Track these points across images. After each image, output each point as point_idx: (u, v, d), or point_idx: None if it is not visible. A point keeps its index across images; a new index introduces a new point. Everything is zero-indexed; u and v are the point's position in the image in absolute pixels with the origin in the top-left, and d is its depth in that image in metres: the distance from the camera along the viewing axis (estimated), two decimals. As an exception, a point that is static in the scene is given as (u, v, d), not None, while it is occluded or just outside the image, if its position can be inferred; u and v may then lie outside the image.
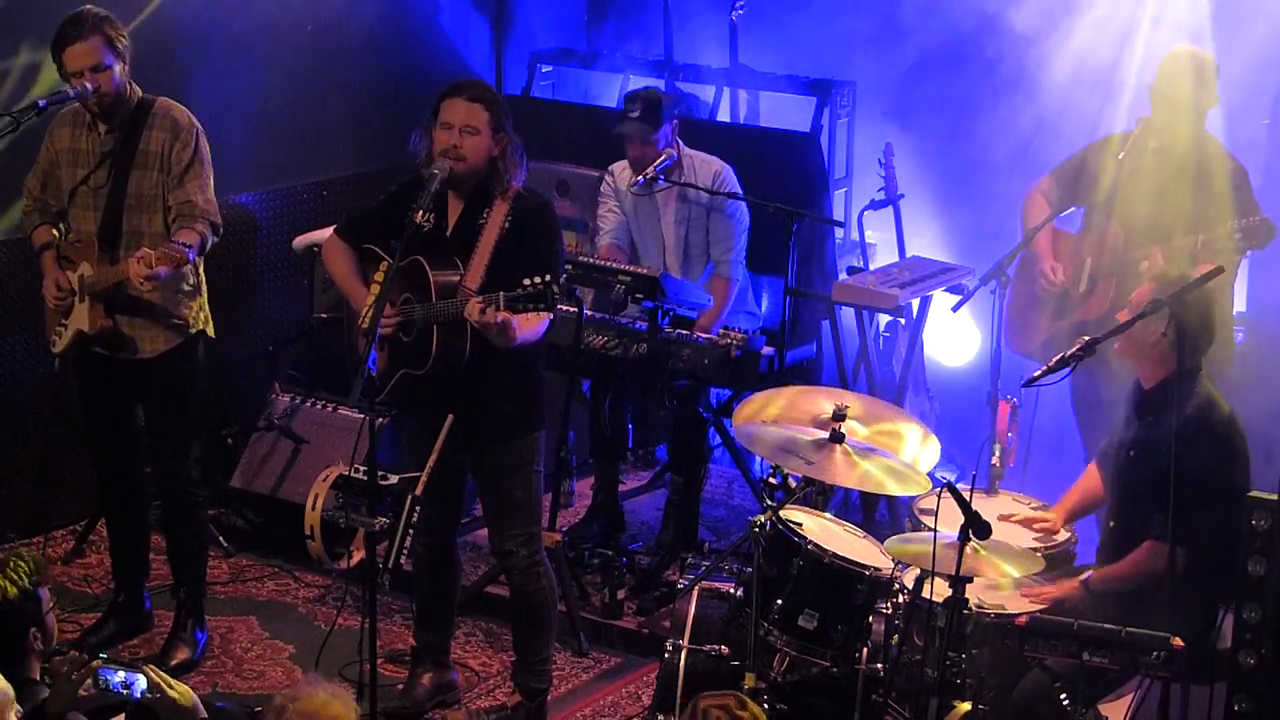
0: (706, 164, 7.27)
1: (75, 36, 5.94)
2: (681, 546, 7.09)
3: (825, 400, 5.76)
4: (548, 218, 5.74)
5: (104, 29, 5.97)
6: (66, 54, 5.97)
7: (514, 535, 5.85)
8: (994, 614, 5.39)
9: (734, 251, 7.32)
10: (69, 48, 5.95)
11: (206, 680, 6.33)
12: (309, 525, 6.69)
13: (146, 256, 5.82)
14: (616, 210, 7.42)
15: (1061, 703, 5.23)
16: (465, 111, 5.61)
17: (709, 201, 7.25)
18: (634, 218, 7.41)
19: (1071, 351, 5.49)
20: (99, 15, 6.01)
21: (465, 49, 8.97)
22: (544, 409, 5.90)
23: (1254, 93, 7.45)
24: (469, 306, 5.43)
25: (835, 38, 8.50)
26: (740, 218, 7.31)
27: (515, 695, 6.05)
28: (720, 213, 7.28)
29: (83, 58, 5.94)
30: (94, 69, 5.94)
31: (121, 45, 6.01)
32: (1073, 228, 7.02)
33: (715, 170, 7.26)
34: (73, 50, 5.95)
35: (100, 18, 6.00)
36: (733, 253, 7.31)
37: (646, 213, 7.38)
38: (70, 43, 5.95)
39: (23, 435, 7.24)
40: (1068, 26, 7.86)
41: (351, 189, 8.34)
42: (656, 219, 7.37)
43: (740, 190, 7.28)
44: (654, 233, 7.39)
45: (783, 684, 5.49)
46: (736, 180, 7.29)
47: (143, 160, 6.07)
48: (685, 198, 7.28)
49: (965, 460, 7.20)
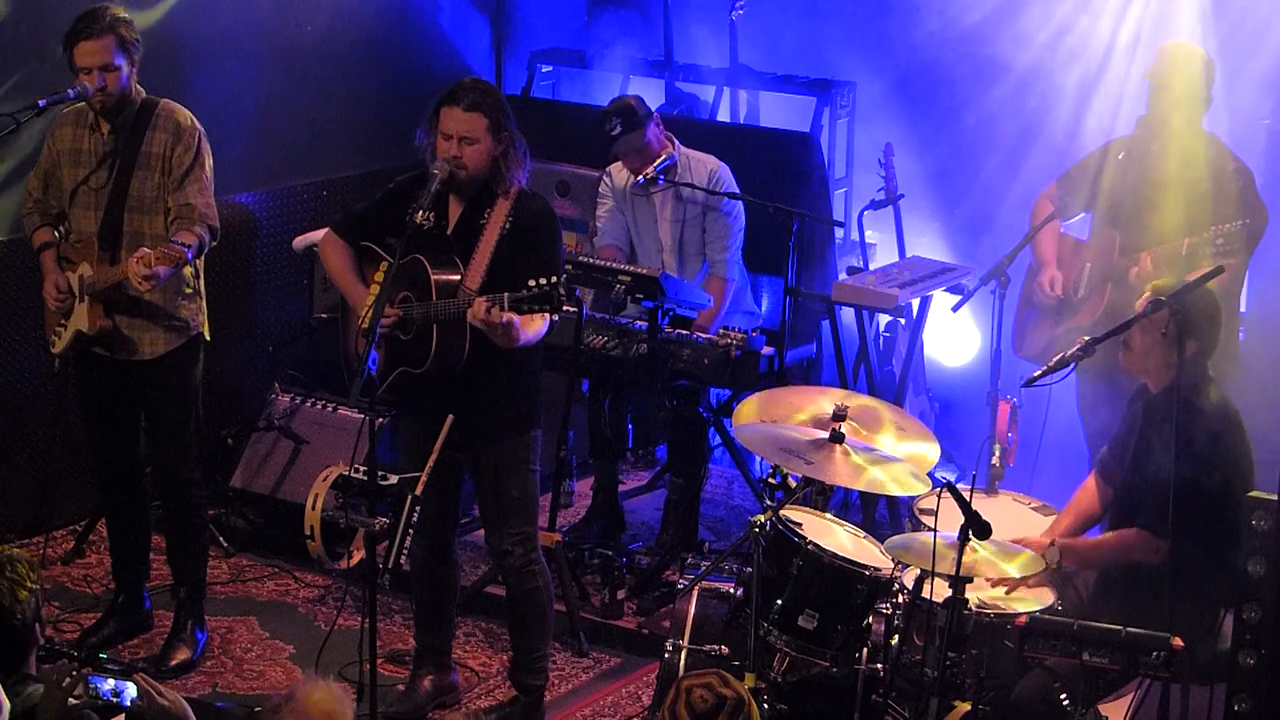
0: (702, 163, 7.27)
1: (89, 34, 5.94)
2: (681, 546, 7.09)
3: (825, 400, 5.76)
4: (549, 220, 5.73)
5: (118, 29, 5.96)
6: (78, 49, 5.96)
7: (510, 535, 5.85)
8: (994, 614, 5.39)
9: (730, 251, 7.31)
10: (81, 43, 5.95)
11: (206, 680, 6.33)
12: (309, 525, 6.68)
13: (145, 257, 5.82)
14: (615, 211, 7.42)
15: (1061, 703, 5.23)
16: (463, 122, 5.59)
17: (705, 200, 7.25)
18: (632, 217, 7.42)
19: (1071, 351, 5.49)
20: (115, 15, 6.00)
21: (465, 49, 8.97)
22: (541, 408, 5.90)
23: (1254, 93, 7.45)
24: (474, 306, 5.43)
25: (835, 38, 8.50)
26: (737, 217, 7.31)
27: (512, 691, 6.07)
28: (716, 212, 7.28)
29: (93, 56, 5.94)
30: (103, 68, 5.94)
31: (133, 47, 6.01)
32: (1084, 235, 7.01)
33: (711, 169, 7.26)
34: (84, 46, 5.95)
35: (116, 18, 5.99)
36: (729, 252, 7.31)
37: (644, 212, 7.39)
38: (83, 39, 5.95)
39: (23, 435, 7.24)
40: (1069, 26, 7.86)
41: (351, 189, 8.33)
42: (654, 218, 7.37)
43: (737, 189, 7.28)
44: (651, 232, 7.39)
45: (783, 684, 5.49)
46: (733, 179, 7.29)
47: (144, 161, 6.07)
48: (681, 197, 7.28)
49: (965, 460, 7.20)
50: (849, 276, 7.77)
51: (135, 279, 5.84)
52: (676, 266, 7.34)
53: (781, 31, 8.67)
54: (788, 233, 7.15)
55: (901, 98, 8.42)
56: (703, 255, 7.37)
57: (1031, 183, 7.20)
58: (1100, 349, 5.53)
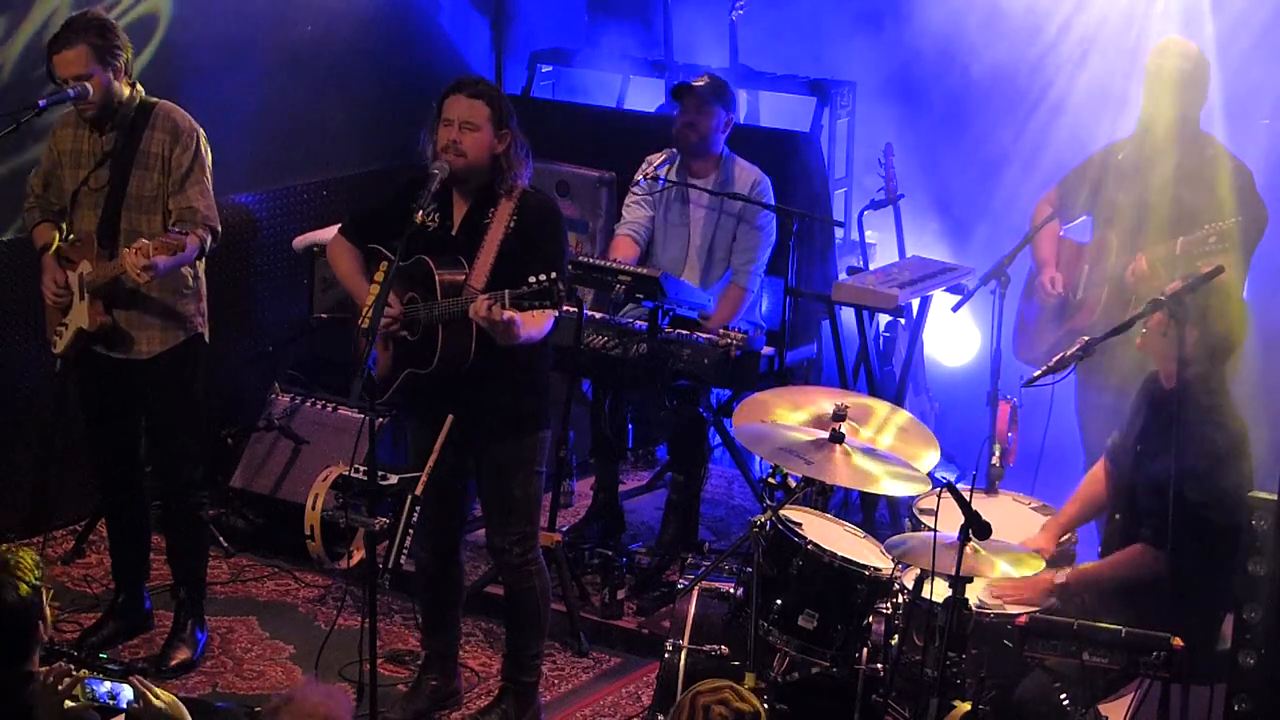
0: (747, 172, 7.26)
1: (61, 45, 5.94)
2: (681, 546, 7.09)
3: (825, 400, 5.76)
4: (552, 216, 5.74)
5: (90, 38, 5.93)
6: (54, 60, 5.96)
7: (509, 533, 5.85)
8: (994, 614, 5.39)
9: (755, 264, 7.29)
10: (55, 55, 5.95)
11: (206, 680, 6.33)
12: (309, 525, 6.67)
13: (144, 247, 5.82)
14: (644, 204, 7.40)
15: (1061, 703, 5.23)
16: (466, 107, 5.61)
17: (741, 210, 7.23)
18: (662, 212, 7.37)
19: (1071, 352, 5.49)
20: (89, 22, 5.98)
21: (465, 49, 8.97)
22: (549, 409, 5.90)
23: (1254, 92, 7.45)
24: (475, 304, 5.43)
25: (835, 37, 8.50)
26: (769, 231, 7.28)
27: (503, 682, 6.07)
28: (750, 224, 7.26)
29: (67, 66, 5.93)
30: (78, 77, 5.92)
31: (111, 53, 5.96)
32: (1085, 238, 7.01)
33: (754, 180, 7.24)
34: (59, 58, 5.94)
35: (90, 25, 5.96)
36: (754, 264, 7.29)
37: (678, 209, 7.36)
38: (58, 49, 5.94)
39: (23, 435, 7.24)
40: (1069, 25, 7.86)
41: (351, 189, 8.34)
42: (686, 217, 7.34)
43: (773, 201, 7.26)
44: (680, 231, 7.35)
45: (783, 684, 5.49)
46: (772, 192, 7.27)
47: (143, 161, 6.07)
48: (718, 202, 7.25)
49: (965, 460, 7.20)
50: (849, 276, 7.77)
51: (133, 270, 5.83)
52: (701, 268, 7.32)
53: (781, 31, 8.67)
54: (788, 233, 7.15)
55: (901, 98, 8.42)
56: (728, 261, 7.34)
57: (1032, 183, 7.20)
58: (1102, 359, 5.53)
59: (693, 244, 7.34)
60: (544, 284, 5.31)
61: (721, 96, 7.19)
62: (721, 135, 7.23)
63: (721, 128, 7.21)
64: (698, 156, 7.24)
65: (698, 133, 7.19)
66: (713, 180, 7.23)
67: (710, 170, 7.25)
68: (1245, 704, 5.10)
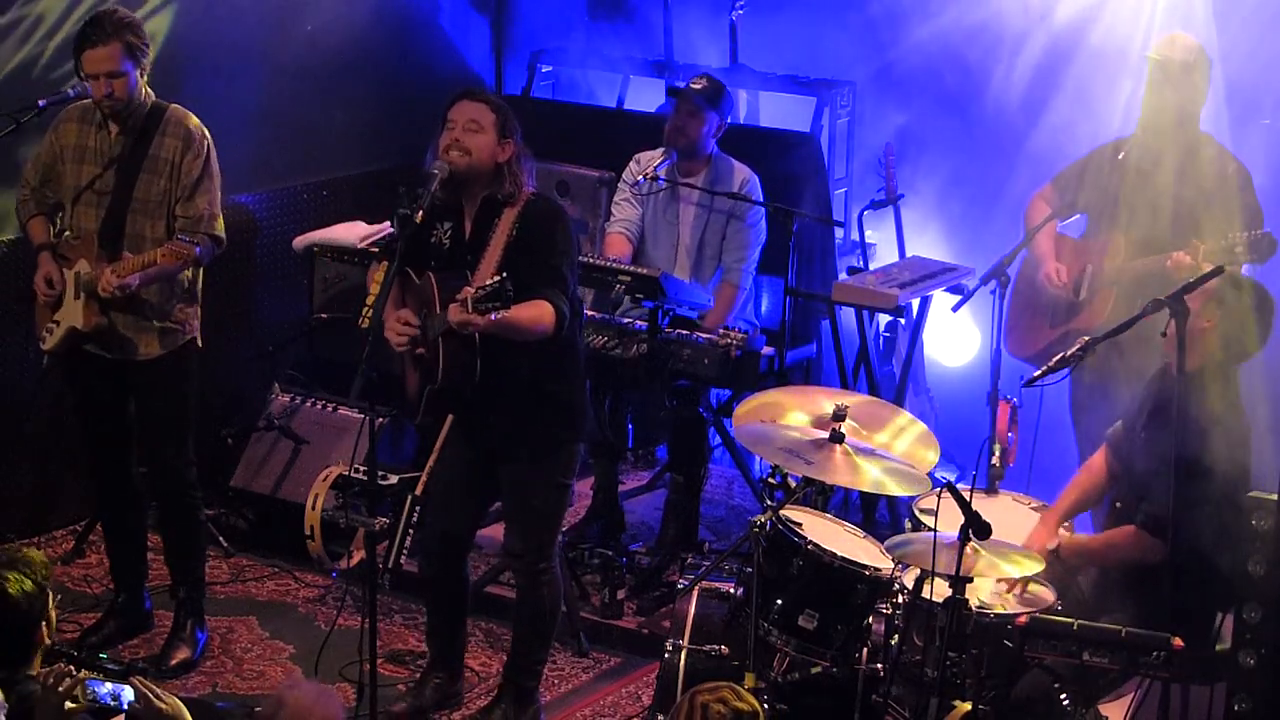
0: (736, 171, 7.27)
1: (95, 40, 5.91)
2: (681, 546, 7.09)
3: (825, 400, 5.76)
4: (549, 219, 5.70)
5: (125, 35, 5.93)
6: (85, 57, 5.93)
7: (525, 540, 5.86)
8: (994, 614, 5.39)
9: (746, 261, 7.30)
10: (88, 51, 5.91)
11: (206, 680, 6.33)
12: (309, 525, 6.70)
13: (119, 269, 5.91)
14: (633, 201, 7.40)
15: (1061, 703, 5.23)
16: (470, 110, 5.61)
17: (731, 208, 7.24)
18: (652, 211, 7.37)
19: (1071, 352, 5.49)
20: (121, 20, 5.97)
21: (465, 49, 8.97)
22: (583, 420, 5.90)
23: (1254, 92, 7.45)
24: (449, 312, 5.42)
25: (836, 37, 8.50)
26: (759, 229, 7.29)
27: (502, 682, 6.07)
28: (740, 221, 7.26)
29: (100, 63, 5.91)
30: (110, 75, 5.92)
31: (140, 52, 5.98)
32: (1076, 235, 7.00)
33: (743, 178, 7.25)
34: (91, 54, 5.91)
35: (122, 23, 5.95)
36: (745, 262, 7.29)
37: (667, 208, 7.36)
38: (90, 46, 5.91)
39: (23, 435, 7.22)
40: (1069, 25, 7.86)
41: (352, 189, 8.34)
42: (676, 216, 7.35)
43: (763, 198, 7.26)
44: (670, 229, 7.35)
45: (783, 684, 5.49)
46: (761, 191, 7.28)
47: (152, 165, 6.07)
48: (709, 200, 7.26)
49: (965, 460, 7.20)
50: (849, 276, 7.77)
51: (105, 285, 5.92)
52: (691, 266, 7.32)
53: (781, 31, 8.66)
54: (788, 233, 7.15)
55: (901, 98, 8.42)
56: (718, 259, 7.34)
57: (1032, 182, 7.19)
58: (1098, 350, 5.54)
59: (682, 242, 7.35)
60: (495, 284, 5.28)
61: (715, 101, 7.20)
62: (712, 139, 7.24)
63: (713, 132, 7.23)
64: (687, 158, 7.26)
65: (687, 137, 7.22)
66: (703, 179, 7.25)
67: (700, 170, 7.27)
68: (1245, 704, 5.11)
